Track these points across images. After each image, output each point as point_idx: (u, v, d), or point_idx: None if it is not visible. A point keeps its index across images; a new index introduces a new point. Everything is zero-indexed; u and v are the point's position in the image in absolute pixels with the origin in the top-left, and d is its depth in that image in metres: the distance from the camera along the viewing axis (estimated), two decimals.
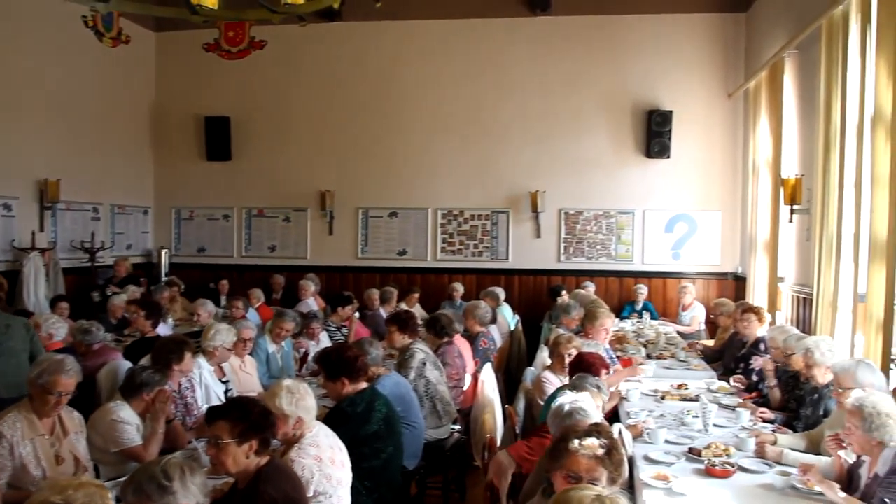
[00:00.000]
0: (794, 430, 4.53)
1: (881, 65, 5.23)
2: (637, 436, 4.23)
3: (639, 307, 9.97)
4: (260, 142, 11.19)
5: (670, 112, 10.20)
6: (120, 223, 10.75)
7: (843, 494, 3.30)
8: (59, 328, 6.09)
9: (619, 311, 9.90)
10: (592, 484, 2.63)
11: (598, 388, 4.04)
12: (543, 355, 6.48)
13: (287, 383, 3.54)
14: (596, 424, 3.03)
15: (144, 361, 5.61)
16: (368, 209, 11.01)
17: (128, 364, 5.50)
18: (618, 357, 6.57)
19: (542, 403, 4.72)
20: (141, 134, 11.31)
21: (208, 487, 2.69)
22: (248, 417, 3.01)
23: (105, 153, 10.33)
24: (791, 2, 8.19)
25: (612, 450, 2.77)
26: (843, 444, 3.54)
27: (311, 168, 11.03)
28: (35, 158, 9.05)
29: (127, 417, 4.15)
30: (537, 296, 10.40)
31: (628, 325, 9.14)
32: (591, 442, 2.75)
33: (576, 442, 2.74)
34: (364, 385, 4.15)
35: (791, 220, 7.70)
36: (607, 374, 4.34)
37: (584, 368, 4.40)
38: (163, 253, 11.05)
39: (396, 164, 10.88)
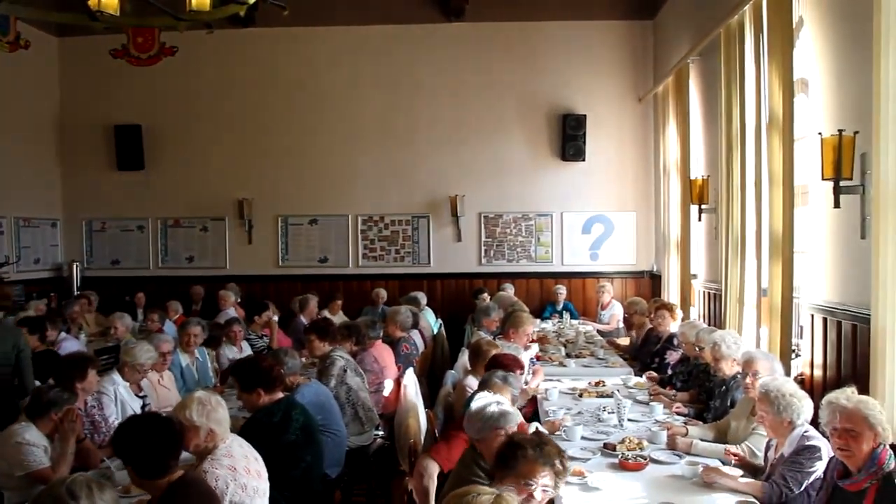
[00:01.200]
0: (705, 422, 4.72)
1: (773, 71, 5.52)
2: (553, 432, 4.32)
3: (559, 307, 10.17)
4: (174, 150, 10.93)
5: (584, 116, 10.46)
6: (26, 237, 10.30)
7: (744, 480, 3.48)
8: None
9: (541, 312, 10.09)
10: (544, 491, 2.75)
11: (506, 380, 4.10)
12: (464, 358, 6.54)
13: (198, 395, 3.48)
14: (538, 431, 3.10)
15: None
16: (288, 217, 10.90)
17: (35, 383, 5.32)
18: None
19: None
20: (46, 143, 10.88)
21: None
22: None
23: (7, 163, 9.87)
24: (692, 11, 8.53)
25: (562, 456, 2.86)
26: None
27: (227, 176, 10.84)
28: None
29: (33, 439, 3.99)
30: (460, 299, 10.50)
31: (549, 326, 9.32)
32: (549, 450, 2.82)
33: (534, 450, 2.80)
34: (280, 395, 4.12)
35: (700, 220, 8.01)
36: (521, 374, 4.41)
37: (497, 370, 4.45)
38: (74, 266, 10.65)
39: (315, 171, 10.80)
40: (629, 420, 4.64)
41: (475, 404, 3.42)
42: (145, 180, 10.95)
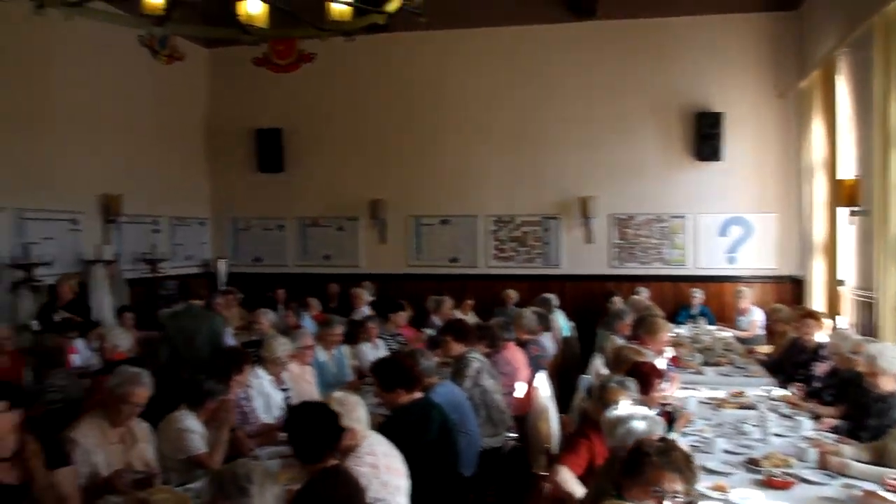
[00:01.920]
0: (859, 441, 4.43)
1: None
2: (685, 426, 4.20)
3: (694, 312, 9.84)
4: (311, 152, 11.40)
5: (720, 114, 10.07)
6: (179, 235, 11.06)
7: None
8: (123, 339, 6.27)
9: (675, 316, 9.79)
10: (673, 498, 2.70)
11: (622, 384, 3.99)
12: (598, 363, 6.47)
13: (337, 395, 3.62)
14: (664, 438, 3.05)
15: None
16: (420, 217, 11.12)
17: None
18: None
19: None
20: (196, 147, 11.62)
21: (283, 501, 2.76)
22: None
23: (163, 167, 10.64)
24: (842, 0, 8.02)
25: (690, 462, 2.81)
26: None
27: (362, 177, 11.20)
28: (98, 175, 9.38)
29: (192, 426, 4.29)
30: (590, 301, 10.33)
31: (684, 331, 9.03)
32: (676, 456, 2.79)
33: (659, 457, 2.77)
34: (419, 394, 4.21)
35: (849, 222, 7.53)
36: (660, 383, 4.29)
37: (637, 378, 4.37)
38: (221, 263, 11.31)
39: (446, 172, 10.96)
40: (774, 434, 4.43)
41: (617, 414, 3.38)
42: (285, 181, 11.47)
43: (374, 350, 6.89)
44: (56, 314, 7.33)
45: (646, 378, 4.16)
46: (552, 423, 5.52)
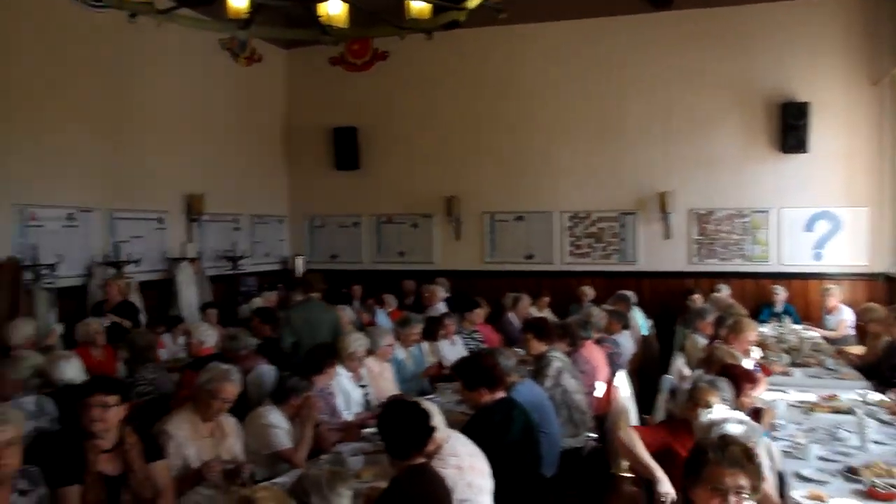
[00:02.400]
0: None
1: None
2: (769, 421, 4.06)
3: (778, 310, 9.50)
4: (386, 150, 11.49)
5: (806, 103, 9.68)
6: (259, 232, 11.33)
7: None
8: (209, 335, 6.45)
9: (757, 315, 9.46)
10: (738, 493, 2.59)
11: (713, 384, 3.84)
12: (680, 362, 6.32)
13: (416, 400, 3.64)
14: (724, 435, 2.96)
15: None
16: (494, 213, 11.09)
17: (271, 369, 5.81)
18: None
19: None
20: (275, 147, 11.86)
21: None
22: None
23: (243, 167, 10.92)
24: None
25: (751, 455, 2.70)
26: None
27: (436, 174, 11.23)
28: (182, 175, 9.69)
29: (277, 421, 4.39)
30: (669, 298, 10.10)
31: (768, 330, 8.72)
32: (732, 450, 2.67)
33: (716, 453, 2.68)
34: (502, 394, 4.19)
35: None
36: (752, 388, 4.14)
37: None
38: (298, 260, 11.53)
39: (521, 168, 10.89)
40: (873, 442, 4.23)
41: (711, 417, 3.28)
42: (361, 179, 11.60)
43: (453, 347, 6.91)
44: (104, 317, 7.30)
45: (737, 381, 4.02)
46: (632, 423, 5.43)
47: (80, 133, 8.27)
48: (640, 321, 8.87)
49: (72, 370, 5.06)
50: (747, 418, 3.34)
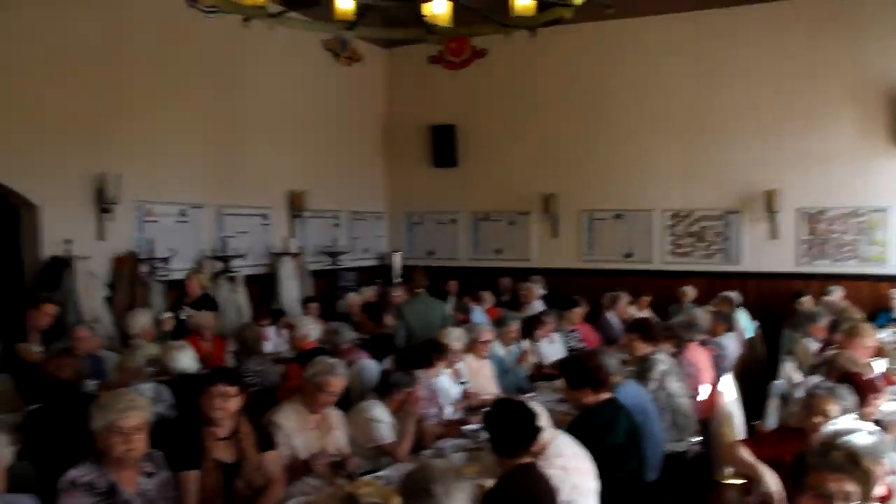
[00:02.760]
0: None
1: None
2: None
3: None
4: (483, 147, 11.50)
5: None
6: (357, 228, 11.56)
7: None
8: (312, 329, 6.61)
9: (873, 319, 8.94)
10: (845, 500, 2.48)
11: (832, 392, 3.63)
12: (789, 367, 6.07)
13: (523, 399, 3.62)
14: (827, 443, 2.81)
15: (388, 361, 6.04)
16: (592, 211, 10.94)
17: (373, 363, 5.92)
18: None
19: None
20: (374, 144, 12.06)
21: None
22: None
23: (343, 164, 11.15)
24: None
25: (856, 460, 2.56)
26: None
27: (533, 172, 11.15)
28: (285, 172, 10.00)
29: (380, 415, 4.46)
30: (775, 301, 9.69)
31: (887, 336, 8.24)
32: (835, 455, 2.56)
33: (816, 458, 2.57)
34: (607, 395, 4.13)
35: None
36: (876, 398, 3.91)
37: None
38: (396, 256, 11.70)
39: (619, 165, 10.69)
40: None
41: (836, 428, 3.11)
42: (458, 176, 11.65)
43: (552, 345, 6.85)
44: (182, 311, 7.36)
45: (861, 390, 3.81)
46: (737, 428, 5.25)
47: (192, 133, 8.67)
48: (745, 323, 8.56)
49: (186, 359, 5.31)
50: (878, 429, 3.16)
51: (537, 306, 8.77)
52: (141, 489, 3.16)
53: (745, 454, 3.54)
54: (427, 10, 4.99)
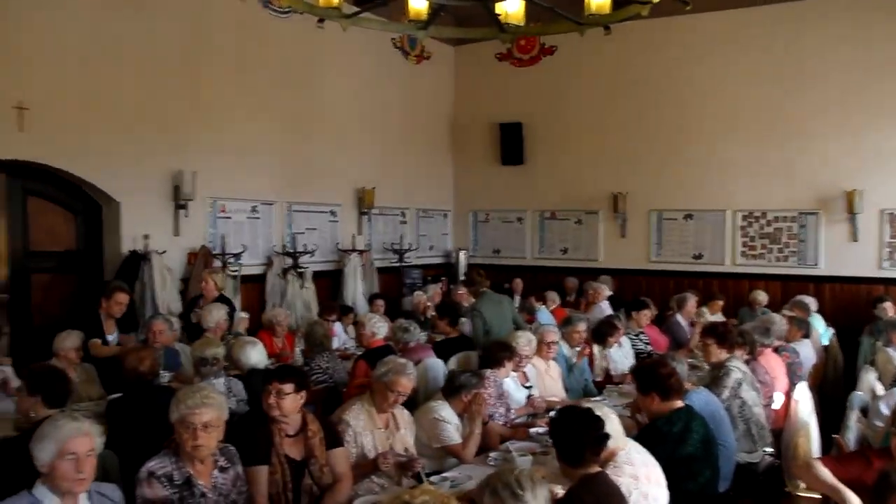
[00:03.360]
0: None
1: None
2: None
3: None
4: (551, 146, 11.40)
5: None
6: (424, 226, 11.62)
7: None
8: (380, 327, 6.63)
9: None
10: None
11: None
12: (870, 377, 5.83)
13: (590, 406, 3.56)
14: None
15: (453, 361, 6.06)
16: (662, 211, 10.72)
17: (440, 362, 5.94)
18: None
19: None
20: (441, 142, 12.10)
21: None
22: None
23: (411, 162, 11.23)
24: None
25: None
26: None
27: (602, 171, 11.00)
28: (353, 170, 10.13)
29: (447, 416, 4.47)
30: (853, 307, 9.35)
31: None
32: None
33: None
34: (679, 403, 4.03)
35: None
36: None
37: None
38: (461, 254, 11.71)
39: (691, 164, 10.44)
40: None
41: None
42: (525, 174, 11.58)
43: (620, 349, 6.75)
44: (194, 314, 6.93)
45: None
46: (812, 440, 5.08)
47: (265, 132, 8.86)
48: (821, 329, 8.27)
49: (256, 355, 5.41)
50: None
51: (604, 307, 8.66)
52: (215, 483, 3.24)
53: (825, 474, 3.40)
54: (500, 8, 4.97)
